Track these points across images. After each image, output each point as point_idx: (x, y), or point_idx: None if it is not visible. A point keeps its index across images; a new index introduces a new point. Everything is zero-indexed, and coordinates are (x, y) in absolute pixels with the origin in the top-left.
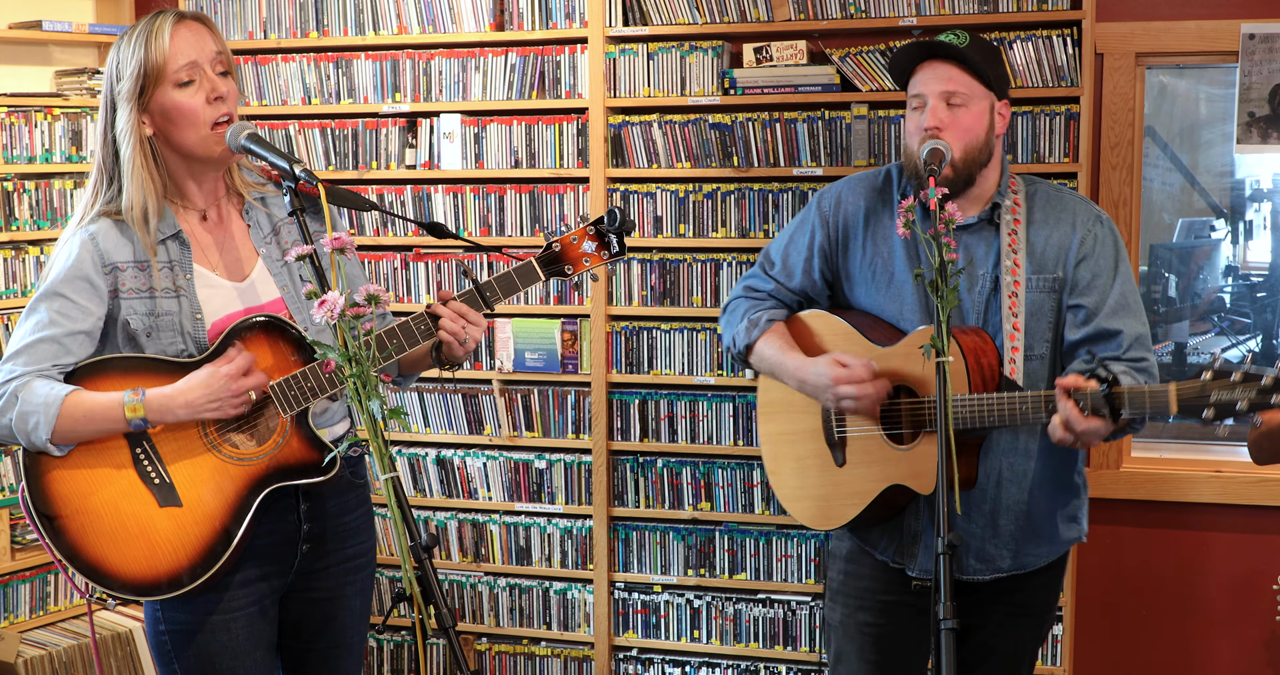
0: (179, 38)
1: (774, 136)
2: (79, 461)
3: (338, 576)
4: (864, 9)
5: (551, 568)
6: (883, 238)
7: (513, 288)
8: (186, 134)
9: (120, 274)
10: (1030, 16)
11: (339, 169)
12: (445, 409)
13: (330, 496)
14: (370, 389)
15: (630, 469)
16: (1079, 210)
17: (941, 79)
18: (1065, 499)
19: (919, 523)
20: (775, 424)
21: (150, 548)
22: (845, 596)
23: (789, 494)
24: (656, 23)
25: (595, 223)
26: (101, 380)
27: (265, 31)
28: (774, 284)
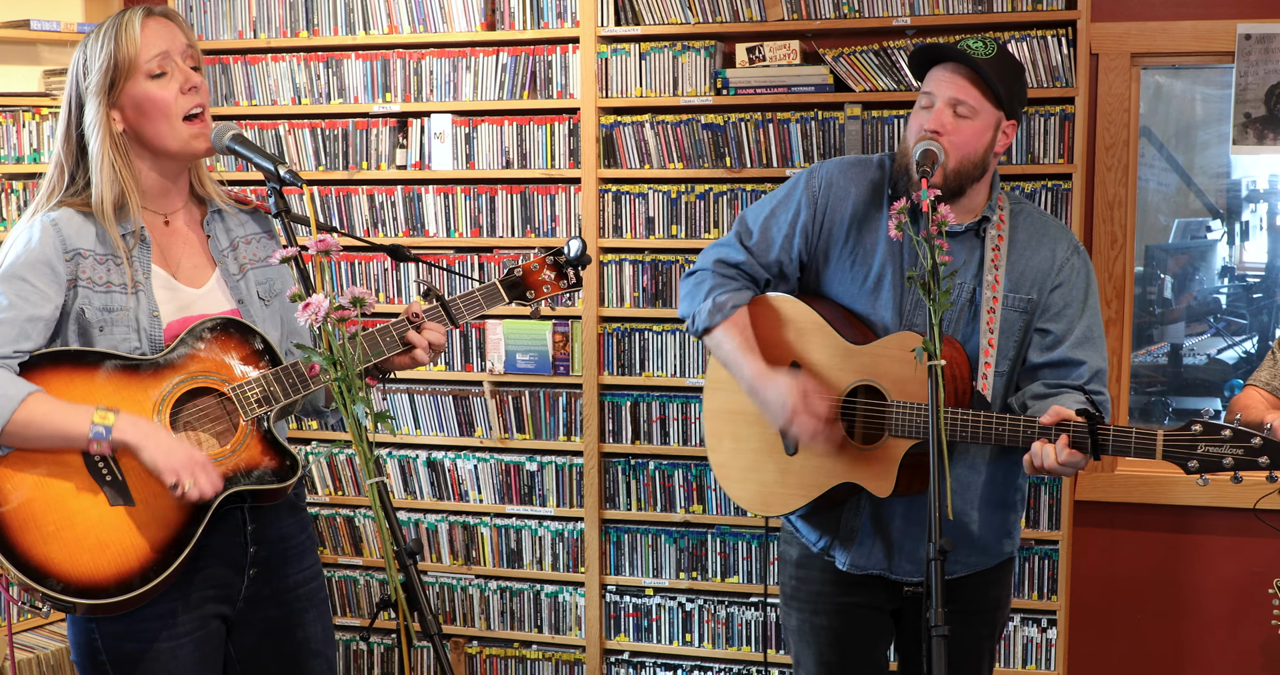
0: (149, 30)
1: (767, 137)
2: (28, 458)
3: (290, 604)
4: (857, 9)
5: (543, 571)
6: (868, 229)
7: (477, 307)
8: (159, 126)
9: (82, 262)
10: (1025, 16)
11: (329, 169)
12: (436, 411)
13: (277, 518)
14: (354, 393)
15: (622, 471)
16: (1060, 238)
17: (954, 85)
18: (1003, 515)
19: (857, 519)
20: (722, 400)
21: (98, 547)
22: (799, 602)
23: (730, 475)
24: (648, 22)
25: (554, 253)
26: (54, 373)
27: (255, 31)
28: (747, 255)
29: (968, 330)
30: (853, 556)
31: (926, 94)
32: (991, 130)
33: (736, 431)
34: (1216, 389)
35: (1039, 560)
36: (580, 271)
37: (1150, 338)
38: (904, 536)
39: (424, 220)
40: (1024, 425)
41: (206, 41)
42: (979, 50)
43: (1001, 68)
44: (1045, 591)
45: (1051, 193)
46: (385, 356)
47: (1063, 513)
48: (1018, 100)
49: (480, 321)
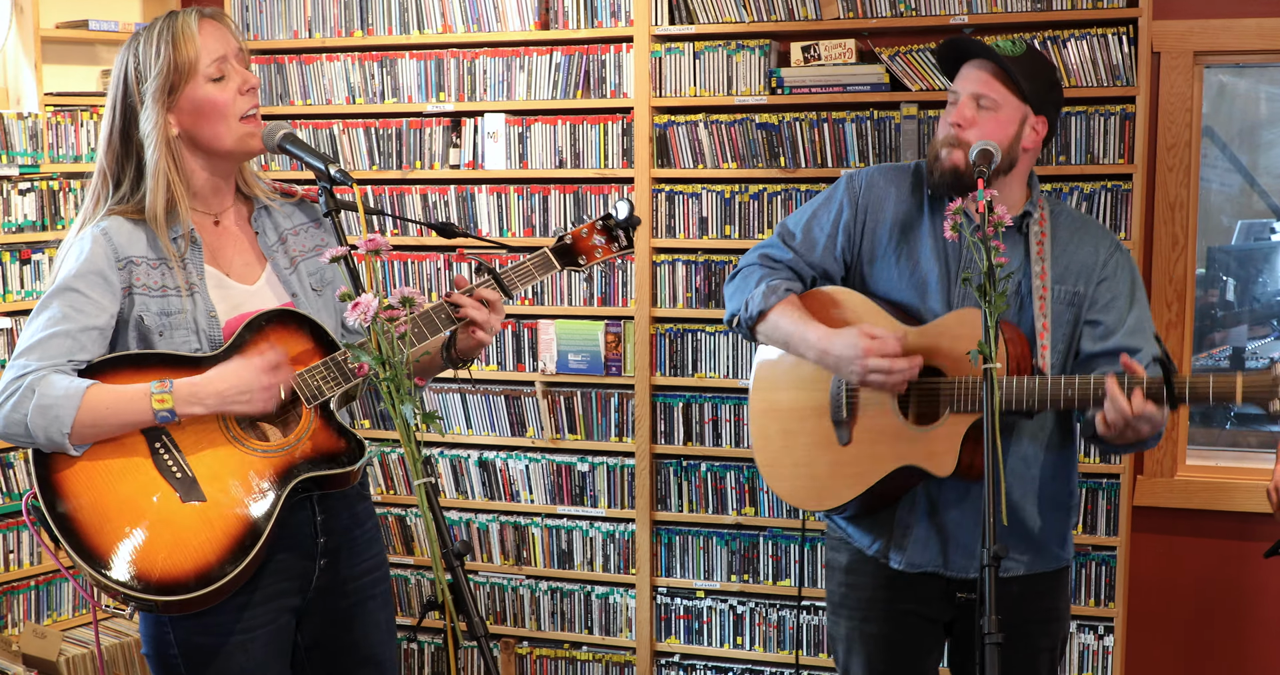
0: (206, 33)
1: (822, 137)
2: (93, 457)
3: (356, 593)
4: (914, 7)
5: (593, 572)
6: (911, 227)
7: (529, 276)
8: (217, 127)
9: (135, 269)
10: (1085, 14)
11: (383, 169)
12: (488, 410)
13: (344, 508)
14: (403, 392)
15: (673, 473)
16: (1101, 236)
17: (977, 80)
18: (1059, 516)
19: (912, 515)
20: (771, 397)
21: (174, 544)
22: (849, 609)
23: (778, 472)
24: (703, 21)
25: (604, 217)
26: (116, 376)
27: (310, 30)
28: (793, 254)
29: (1019, 318)
30: (909, 554)
31: (953, 92)
32: (1016, 123)
33: (786, 428)
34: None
35: (1096, 566)
36: (631, 234)
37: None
38: (959, 529)
39: (477, 219)
40: (1094, 384)
41: (261, 41)
42: (1006, 49)
43: (1028, 64)
44: (1102, 598)
45: (1111, 193)
46: (441, 333)
47: (1120, 518)
48: (1047, 97)
49: (532, 320)
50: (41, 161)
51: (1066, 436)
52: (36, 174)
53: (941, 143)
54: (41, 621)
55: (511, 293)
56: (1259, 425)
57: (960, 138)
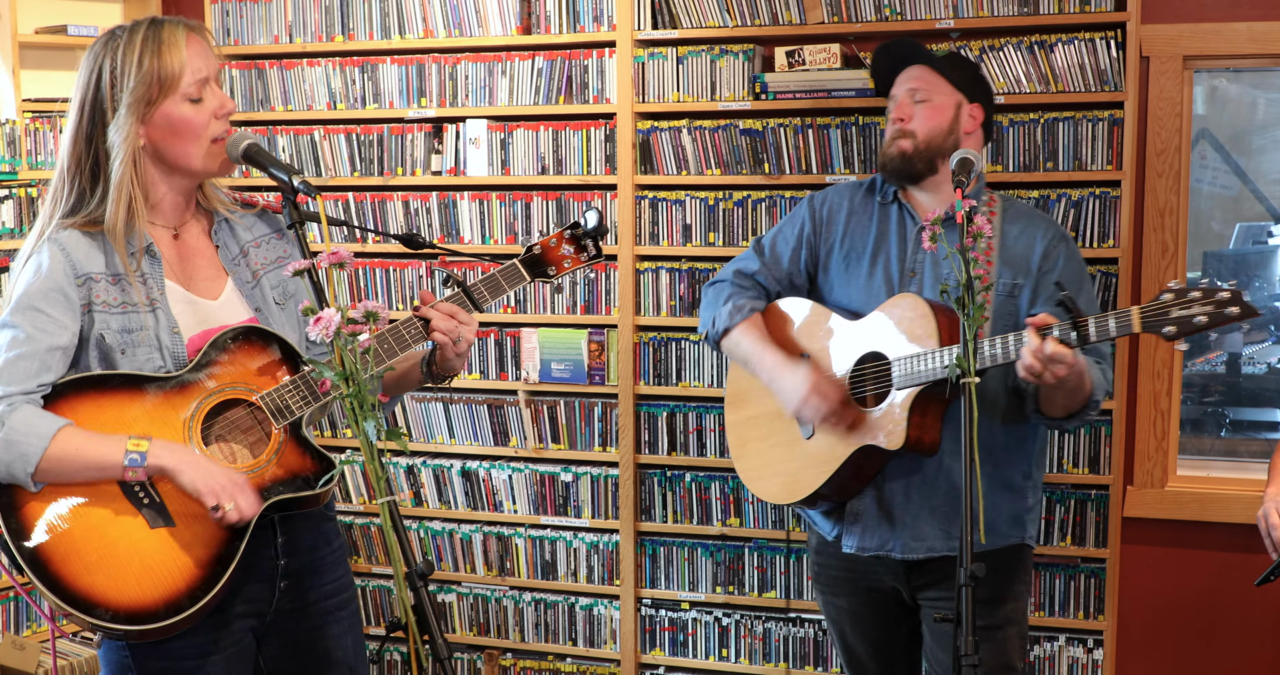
0: (193, 50)
1: (806, 143)
2: (62, 488)
3: (319, 616)
4: (899, 11)
5: (578, 583)
6: (859, 233)
7: (499, 289)
8: (188, 147)
9: (94, 285)
10: (1073, 18)
11: (364, 175)
12: (471, 420)
13: (307, 529)
14: (366, 409)
15: (658, 483)
16: (1045, 227)
17: (909, 78)
18: (1010, 498)
19: (861, 502)
20: (743, 410)
21: (143, 572)
22: (821, 585)
23: (756, 475)
24: (686, 26)
25: (571, 226)
26: (80, 400)
27: (290, 35)
28: (760, 265)
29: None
30: (859, 539)
31: (891, 97)
32: (952, 109)
33: (759, 434)
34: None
35: (1085, 579)
36: (600, 242)
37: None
38: (904, 513)
39: (459, 227)
40: (1014, 339)
41: (242, 46)
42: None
43: (954, 60)
44: (1092, 611)
45: (1099, 201)
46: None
47: (1110, 530)
48: (975, 86)
49: (515, 329)
50: (19, 168)
51: (1018, 418)
52: (14, 181)
53: (889, 140)
54: (20, 633)
55: (481, 306)
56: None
57: (904, 130)
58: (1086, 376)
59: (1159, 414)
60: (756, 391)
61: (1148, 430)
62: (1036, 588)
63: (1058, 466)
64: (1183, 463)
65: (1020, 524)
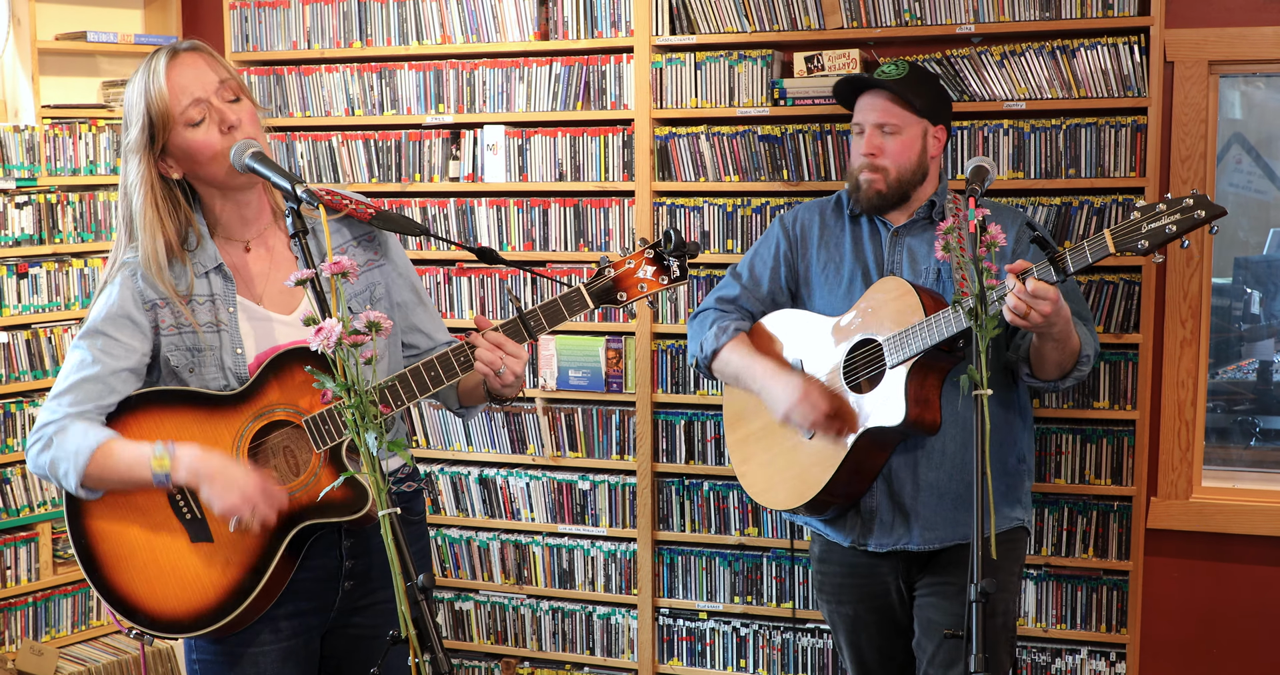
0: (176, 76)
1: (825, 149)
2: (119, 496)
3: (383, 614)
4: (920, 16)
5: (595, 592)
6: (834, 244)
7: (559, 316)
8: (212, 168)
9: (159, 310)
10: (1095, 23)
11: (382, 182)
12: (488, 427)
13: (375, 532)
14: (368, 420)
15: (675, 492)
16: (1011, 218)
17: (875, 109)
18: (1004, 480)
19: (873, 501)
20: (742, 429)
21: (180, 584)
22: (826, 594)
23: (763, 487)
24: (704, 31)
25: (653, 246)
26: (141, 415)
27: (309, 41)
28: (740, 290)
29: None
30: (876, 535)
31: (857, 123)
32: (920, 139)
33: (761, 447)
34: None
35: (1108, 591)
36: (685, 262)
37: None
38: (915, 503)
39: (477, 233)
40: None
41: (261, 52)
42: (891, 73)
43: (914, 83)
44: (1114, 624)
45: (1123, 208)
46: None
47: (1133, 541)
48: (936, 107)
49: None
50: (39, 174)
51: (1009, 400)
52: (34, 187)
53: (859, 170)
54: (39, 638)
55: (537, 335)
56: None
57: (875, 164)
58: (1072, 328)
59: (1184, 424)
60: (753, 408)
61: (1172, 440)
62: (1057, 600)
63: (1080, 477)
64: (1209, 473)
65: (1020, 504)
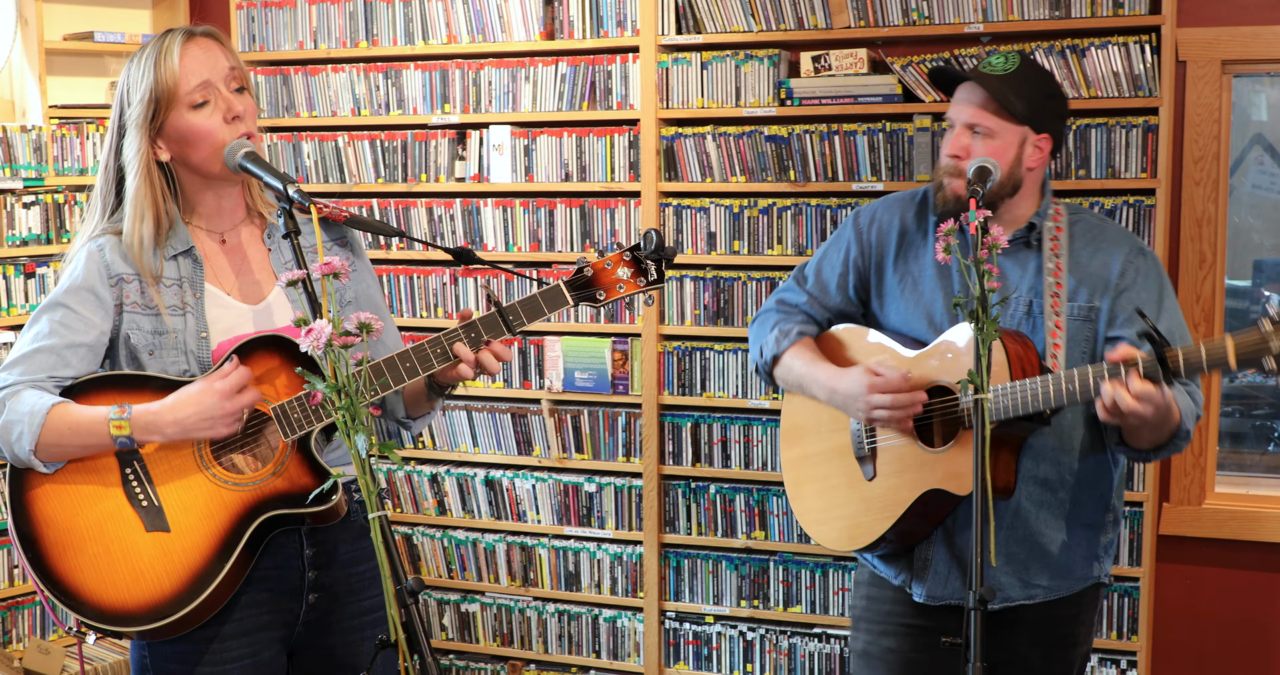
0: (189, 57)
1: (833, 149)
2: (66, 480)
3: (354, 631)
4: (928, 15)
5: (601, 594)
6: (914, 256)
7: (538, 312)
8: (205, 155)
9: (125, 286)
10: (1105, 22)
11: (388, 182)
12: (494, 428)
13: (341, 542)
14: (359, 422)
15: (682, 494)
16: (1121, 242)
17: (969, 106)
18: (1089, 534)
19: (930, 548)
20: (799, 447)
21: (133, 574)
22: (868, 623)
23: (814, 518)
24: (710, 31)
25: (632, 248)
26: (97, 397)
27: (315, 41)
28: (807, 297)
29: (1031, 334)
30: (929, 588)
31: (949, 117)
32: (1015, 147)
33: (817, 473)
34: None
35: (1119, 598)
36: (664, 266)
37: None
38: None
39: (483, 234)
40: (1092, 373)
41: (267, 52)
42: (997, 66)
43: (1020, 82)
44: (1125, 631)
45: (1133, 209)
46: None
47: (1144, 548)
48: (1046, 112)
49: (539, 337)
50: (46, 174)
51: (1098, 448)
52: (41, 187)
53: (943, 172)
54: (46, 637)
55: (515, 329)
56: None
57: (960, 168)
58: (1174, 406)
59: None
60: (813, 427)
61: None
62: None
63: None
64: (1223, 479)
65: (1099, 560)
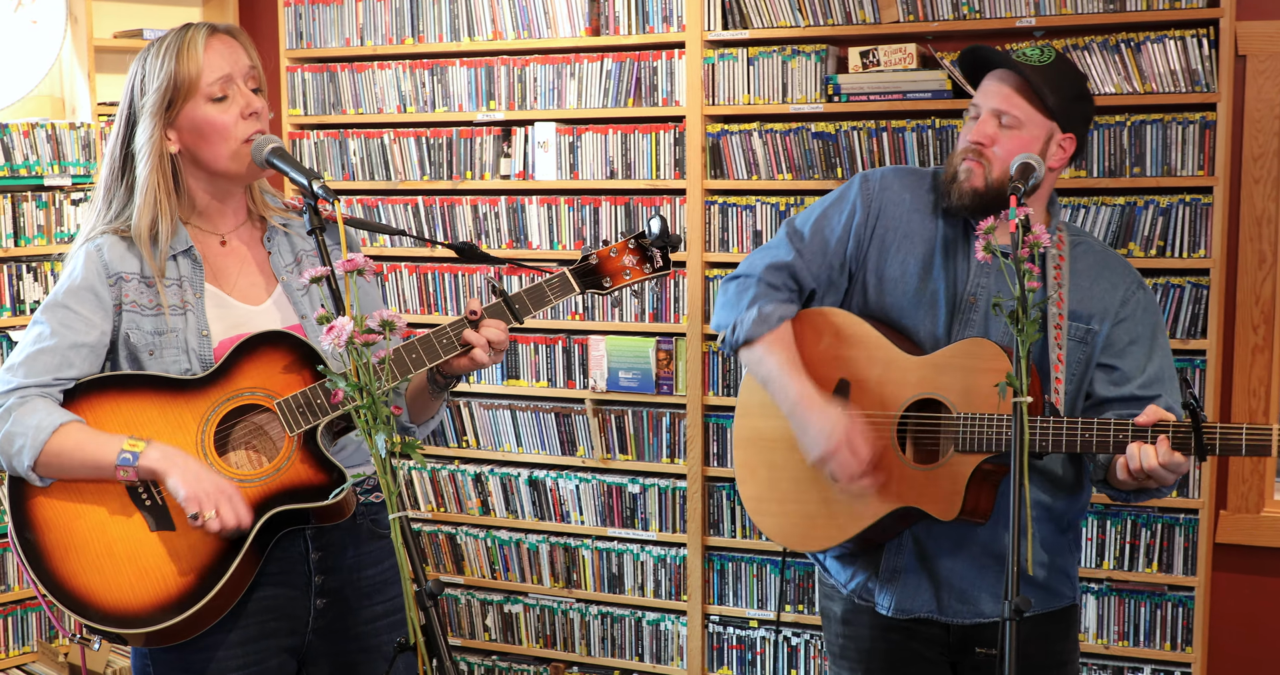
0: (213, 50)
1: (881, 146)
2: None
3: (370, 637)
4: (978, 9)
5: (644, 597)
6: (918, 240)
7: (543, 300)
8: (217, 149)
9: (125, 285)
10: (1162, 15)
11: (433, 179)
12: (538, 428)
13: (348, 547)
14: (380, 421)
15: (726, 496)
16: (1123, 273)
17: (998, 95)
18: (1064, 555)
19: (900, 558)
20: (756, 423)
21: (138, 574)
22: (850, 661)
23: (764, 508)
24: (757, 26)
25: (637, 236)
26: (100, 398)
27: (362, 38)
28: (795, 256)
29: (1037, 348)
30: (898, 599)
31: (974, 106)
32: (1041, 142)
33: (772, 459)
34: None
35: (1172, 608)
36: (669, 253)
37: None
38: (952, 574)
39: (527, 231)
40: (1115, 429)
41: (314, 49)
42: (1032, 57)
43: (1054, 75)
44: (1179, 642)
45: (1190, 208)
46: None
47: (1199, 557)
48: (1075, 111)
49: (583, 337)
50: (94, 171)
51: (1079, 474)
52: (89, 184)
53: (960, 157)
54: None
55: (522, 318)
56: None
57: (983, 152)
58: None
59: None
60: (775, 407)
61: None
62: (1120, 616)
63: None
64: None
65: (1070, 579)
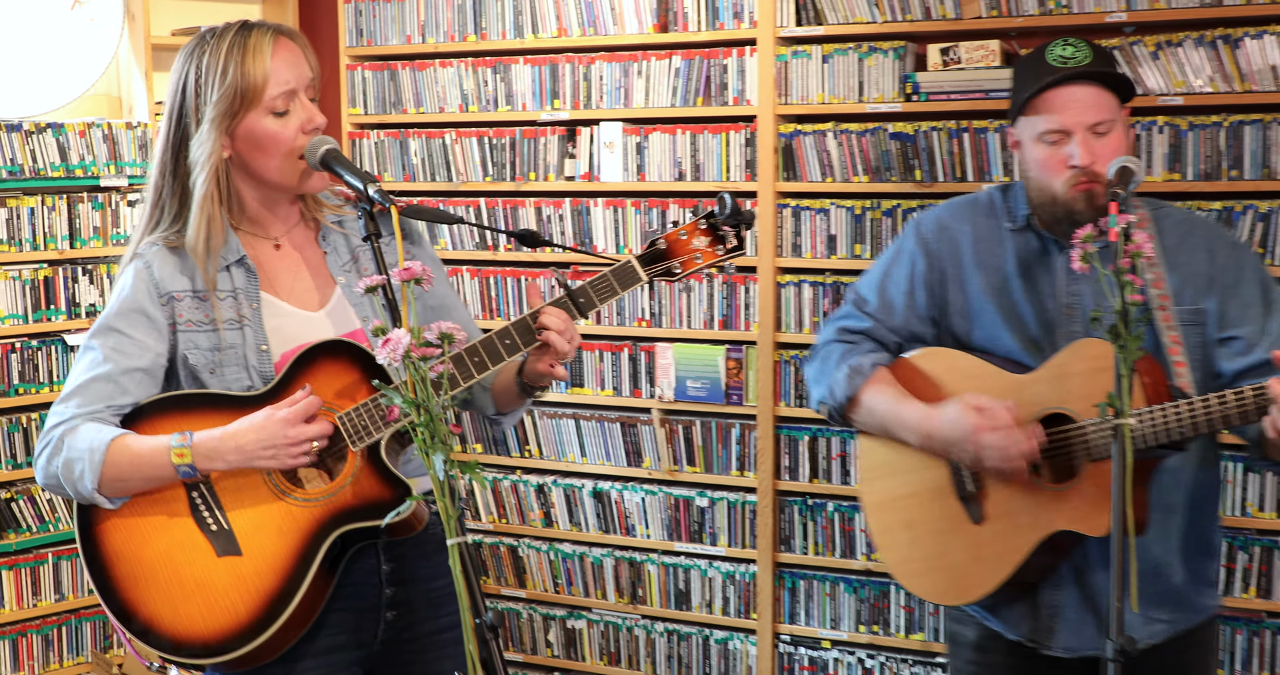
0: (279, 59)
1: (961, 148)
2: (133, 511)
3: (434, 648)
4: (1066, 4)
5: (712, 615)
6: (995, 265)
7: (610, 292)
8: (270, 162)
9: (177, 304)
10: (1260, 9)
11: (496, 180)
12: (603, 439)
13: (419, 558)
14: (439, 440)
15: (798, 512)
16: (1213, 237)
17: (1086, 107)
18: (1204, 561)
19: (1059, 594)
20: (885, 487)
21: (207, 603)
22: None
23: (909, 569)
24: (832, 22)
25: (707, 215)
26: (159, 421)
27: (423, 35)
28: (871, 322)
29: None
30: (1063, 638)
31: (1054, 132)
32: (1126, 129)
33: (910, 518)
34: None
35: (1272, 636)
36: (742, 232)
37: None
38: (1093, 596)
39: (593, 234)
40: (1254, 395)
41: (375, 47)
42: (1079, 56)
43: (1108, 60)
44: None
45: None
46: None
47: None
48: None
49: (649, 344)
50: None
51: (1210, 471)
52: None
53: (1067, 186)
54: None
55: (586, 312)
56: None
57: (1096, 172)
58: None
59: None
60: (901, 462)
61: None
62: None
63: (1241, 509)
64: None
65: (1213, 587)
